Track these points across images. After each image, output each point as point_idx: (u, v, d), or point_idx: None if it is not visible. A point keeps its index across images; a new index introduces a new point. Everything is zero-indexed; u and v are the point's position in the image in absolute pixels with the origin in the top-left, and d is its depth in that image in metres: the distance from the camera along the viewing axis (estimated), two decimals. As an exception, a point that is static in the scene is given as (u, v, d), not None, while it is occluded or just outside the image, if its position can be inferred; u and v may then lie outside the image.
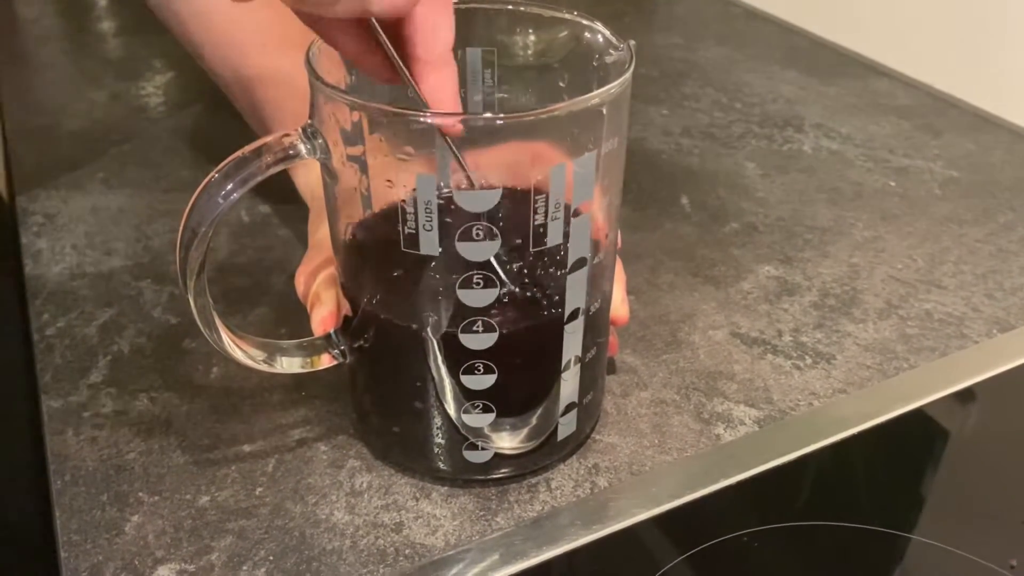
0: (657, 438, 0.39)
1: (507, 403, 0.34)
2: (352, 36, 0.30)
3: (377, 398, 0.37)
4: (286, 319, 0.45)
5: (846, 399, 0.41)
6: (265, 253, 0.50)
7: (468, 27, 0.36)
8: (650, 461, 0.38)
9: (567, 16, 0.36)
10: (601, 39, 0.35)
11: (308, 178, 0.46)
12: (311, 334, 0.36)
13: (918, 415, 0.41)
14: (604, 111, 0.30)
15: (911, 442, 0.40)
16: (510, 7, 0.37)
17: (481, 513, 0.35)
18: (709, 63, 0.75)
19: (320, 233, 0.40)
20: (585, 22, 0.35)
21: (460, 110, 0.31)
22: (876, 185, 0.58)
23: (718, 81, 0.72)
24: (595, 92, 0.30)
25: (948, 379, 0.42)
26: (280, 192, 0.47)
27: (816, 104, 0.68)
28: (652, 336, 0.45)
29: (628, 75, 0.31)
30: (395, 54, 0.30)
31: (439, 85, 0.30)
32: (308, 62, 0.31)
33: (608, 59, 0.34)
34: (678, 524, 0.35)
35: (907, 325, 0.45)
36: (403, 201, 0.29)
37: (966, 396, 0.42)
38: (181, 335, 0.44)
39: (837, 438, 0.39)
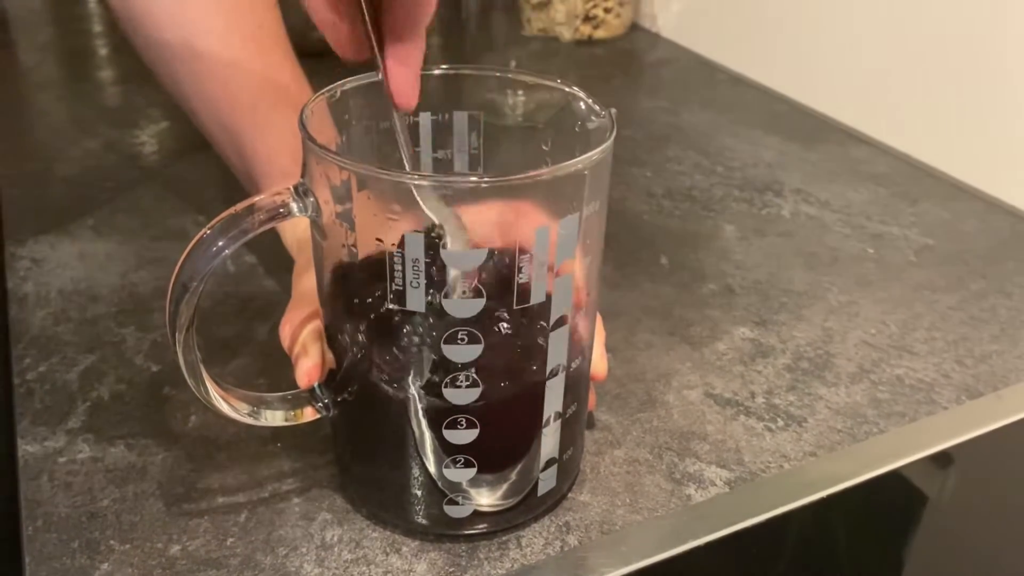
0: (629, 497, 0.39)
1: (489, 458, 0.34)
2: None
3: (360, 451, 0.37)
4: (267, 370, 0.45)
5: (816, 462, 0.41)
6: (249, 303, 0.51)
7: (456, 90, 0.38)
8: (621, 520, 0.38)
9: (551, 83, 0.37)
10: (584, 106, 0.36)
11: (295, 231, 0.47)
12: (291, 386, 0.37)
13: (887, 479, 0.41)
14: (586, 176, 0.31)
15: (879, 506, 0.41)
16: (498, 74, 0.38)
17: (451, 569, 0.35)
18: (693, 127, 0.77)
19: (304, 284, 0.41)
20: (568, 90, 0.37)
21: (417, 91, 0.32)
22: (852, 251, 0.59)
23: (701, 145, 0.74)
24: (578, 159, 0.31)
25: (917, 444, 0.43)
26: (266, 242, 0.48)
27: (796, 170, 0.70)
28: (627, 394, 0.45)
29: (610, 142, 0.32)
30: (371, 25, 0.31)
31: (405, 59, 0.31)
32: (302, 124, 0.32)
33: (590, 125, 0.36)
34: (647, 584, 0.36)
35: (878, 390, 0.46)
36: (391, 258, 0.30)
37: (935, 461, 0.42)
38: (161, 383, 0.44)
39: (806, 500, 0.39)
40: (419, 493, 0.35)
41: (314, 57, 0.48)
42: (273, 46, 0.48)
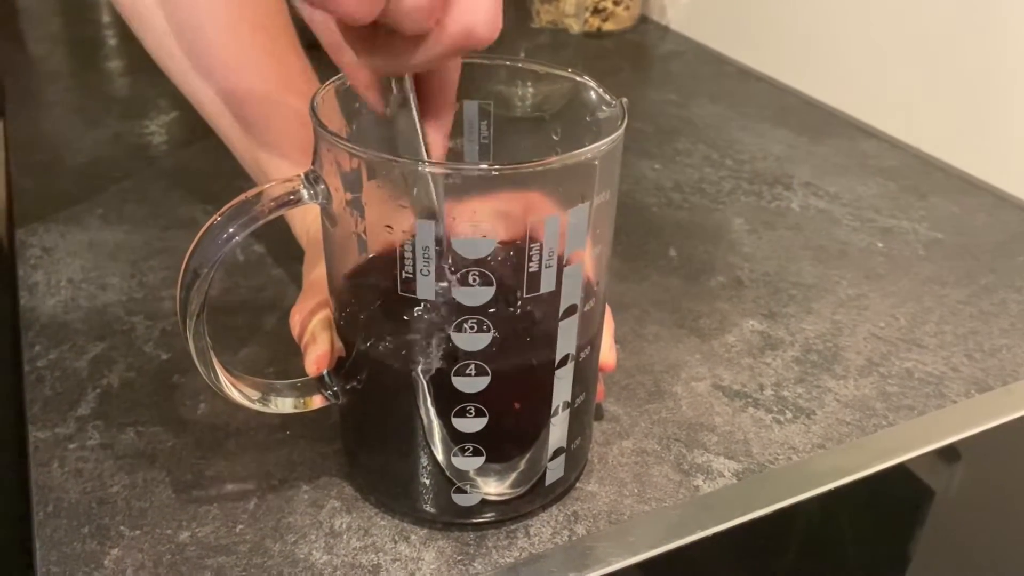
0: (637, 487, 0.39)
1: (497, 446, 0.35)
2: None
3: (368, 439, 0.37)
4: (276, 358, 0.45)
5: (824, 454, 0.41)
6: (258, 292, 0.51)
7: (466, 79, 0.37)
8: (629, 510, 0.38)
9: (561, 73, 0.37)
10: (594, 96, 0.36)
11: (305, 220, 0.47)
12: (300, 374, 0.37)
13: (895, 472, 0.41)
14: (596, 165, 0.31)
15: (886, 499, 0.41)
16: (508, 63, 0.38)
17: (459, 558, 0.35)
18: (702, 120, 0.77)
19: (315, 274, 0.41)
20: (578, 79, 0.36)
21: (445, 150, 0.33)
22: (861, 244, 0.59)
23: (710, 138, 0.73)
24: (588, 147, 0.31)
25: (925, 437, 0.43)
26: (275, 232, 0.48)
27: (805, 163, 0.70)
28: (636, 386, 0.45)
29: (620, 132, 0.32)
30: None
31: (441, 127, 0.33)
32: (312, 111, 0.32)
33: (601, 115, 0.36)
34: (654, 574, 0.36)
35: (887, 383, 0.46)
36: (402, 246, 0.30)
37: (943, 454, 0.42)
38: (171, 370, 0.45)
39: (814, 493, 0.39)
40: (427, 481, 0.36)
41: (320, 49, 0.47)
42: (281, 36, 0.48)
